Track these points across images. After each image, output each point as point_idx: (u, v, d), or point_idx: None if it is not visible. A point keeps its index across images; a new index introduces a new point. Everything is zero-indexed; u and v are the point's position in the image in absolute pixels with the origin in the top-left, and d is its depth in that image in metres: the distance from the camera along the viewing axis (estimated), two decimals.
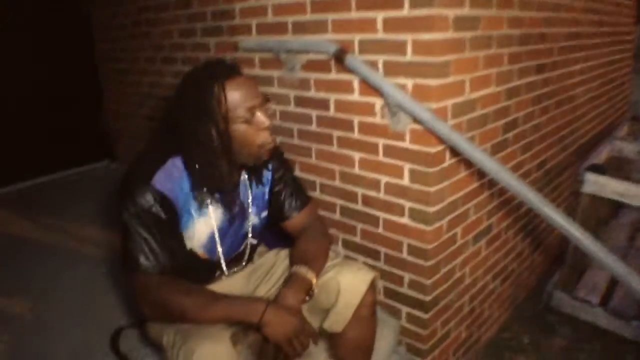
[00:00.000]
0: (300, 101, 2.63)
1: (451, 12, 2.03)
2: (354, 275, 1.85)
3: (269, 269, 2.10)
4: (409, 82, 2.10)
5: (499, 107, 2.52)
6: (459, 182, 2.35)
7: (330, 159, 2.58)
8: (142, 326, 2.05)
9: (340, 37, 2.30)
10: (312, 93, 2.54)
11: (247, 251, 2.08)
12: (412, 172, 2.22)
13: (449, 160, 2.23)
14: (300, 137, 2.70)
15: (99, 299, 2.73)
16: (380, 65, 2.18)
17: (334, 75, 2.40)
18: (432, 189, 2.18)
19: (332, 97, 2.45)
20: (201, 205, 1.84)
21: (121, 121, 4.79)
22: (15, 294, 2.83)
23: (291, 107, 2.69)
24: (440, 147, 2.15)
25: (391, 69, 2.15)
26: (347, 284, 1.83)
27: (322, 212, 2.70)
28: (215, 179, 1.80)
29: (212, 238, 1.91)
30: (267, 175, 2.06)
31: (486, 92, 2.38)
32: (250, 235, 2.05)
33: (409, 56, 2.06)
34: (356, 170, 2.46)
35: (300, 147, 2.71)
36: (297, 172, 2.74)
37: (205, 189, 1.83)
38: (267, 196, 2.07)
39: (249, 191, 1.99)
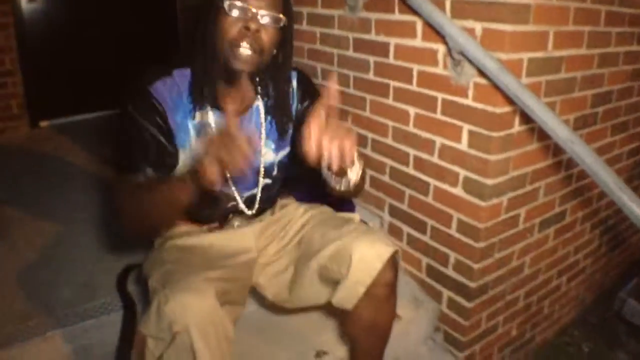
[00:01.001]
0: (359, 45, 2.37)
1: None
2: (370, 248, 1.56)
3: (284, 225, 1.86)
4: (478, 26, 1.79)
5: (590, 73, 2.14)
6: (528, 155, 2.02)
7: (384, 112, 2.32)
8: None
9: None
10: (372, 36, 2.28)
11: (260, 193, 1.82)
12: (472, 135, 1.92)
13: (518, 126, 1.91)
14: (355, 86, 2.45)
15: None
16: (447, 5, 1.88)
17: (396, 15, 2.12)
18: (493, 158, 1.87)
19: (393, 41, 2.18)
20: (201, 124, 1.64)
21: None
22: (45, 219, 2.77)
23: (349, 52, 2.44)
24: (507, 108, 1.83)
25: (459, 9, 1.85)
26: (360, 256, 1.55)
27: (370, 173, 2.46)
28: (209, 87, 1.60)
29: None
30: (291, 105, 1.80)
31: (575, 53, 2.01)
32: (262, 173, 1.79)
33: None
34: (410, 127, 2.18)
35: (354, 98, 2.46)
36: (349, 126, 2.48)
37: (207, 107, 1.63)
38: (288, 133, 1.81)
39: (262, 120, 1.74)
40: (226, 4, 1.47)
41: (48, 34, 4.36)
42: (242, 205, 1.79)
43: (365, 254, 1.55)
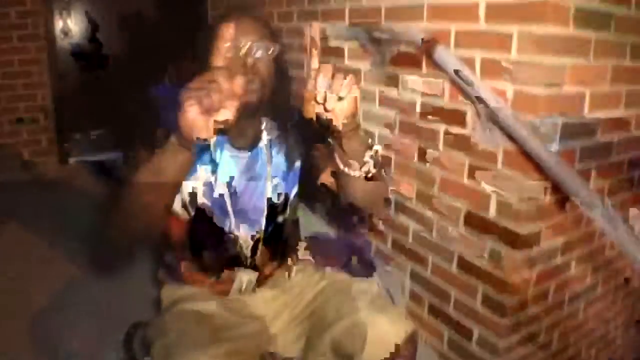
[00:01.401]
0: (385, 101, 2.28)
1: (572, 1, 1.58)
2: (386, 325, 1.46)
3: (298, 293, 1.74)
4: (510, 88, 1.69)
5: (628, 136, 2.01)
6: (560, 225, 1.88)
7: (409, 173, 2.21)
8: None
9: (435, 26, 1.94)
10: (398, 92, 2.19)
11: (265, 234, 1.72)
12: (501, 204, 1.80)
13: (550, 195, 1.78)
14: (380, 143, 2.34)
15: (136, 283, 2.51)
16: (477, 64, 1.78)
17: (423, 72, 2.03)
18: (523, 229, 1.75)
19: (419, 99, 2.08)
20: (211, 158, 1.59)
21: None
22: (64, 260, 2.77)
23: (375, 108, 2.35)
24: (539, 177, 1.71)
25: (490, 69, 1.75)
26: (376, 333, 1.44)
27: (393, 235, 2.35)
28: None
29: (221, 199, 1.63)
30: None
31: (612, 115, 1.89)
32: (269, 212, 1.70)
33: (513, 54, 1.65)
34: (435, 191, 2.07)
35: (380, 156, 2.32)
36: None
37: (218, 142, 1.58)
38: (296, 171, 1.74)
39: (268, 156, 1.67)
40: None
41: (82, 70, 4.41)
42: (245, 252, 1.70)
43: (381, 330, 1.45)
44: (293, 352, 1.66)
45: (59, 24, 4.21)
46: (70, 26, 4.27)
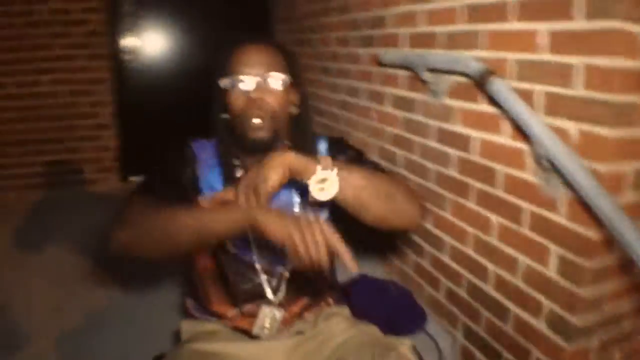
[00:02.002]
0: (442, 135, 2.10)
1: None
2: None
3: (322, 342, 1.57)
4: (573, 127, 1.46)
5: None
6: (627, 288, 1.62)
7: (464, 217, 2.01)
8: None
9: (492, 54, 1.75)
10: (455, 126, 2.00)
11: (289, 269, 1.61)
12: (562, 261, 1.56)
13: (616, 254, 1.52)
14: (437, 181, 2.16)
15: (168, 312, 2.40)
16: (536, 98, 1.57)
17: (481, 105, 1.84)
18: (585, 292, 1.51)
19: (476, 135, 1.89)
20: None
21: None
22: (105, 279, 2.76)
23: (433, 142, 2.17)
24: (605, 232, 1.45)
25: (550, 105, 1.53)
26: None
27: (446, 283, 2.15)
28: (234, 161, 1.61)
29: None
30: None
31: None
32: None
33: (578, 89, 1.43)
34: (493, 239, 1.85)
35: (435, 195, 2.17)
36: (428, 227, 2.21)
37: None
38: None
39: (295, 189, 1.61)
40: (223, 84, 1.51)
41: (146, 89, 4.44)
42: (268, 287, 1.61)
43: None
44: None
45: (124, 43, 4.27)
46: (137, 45, 4.29)
